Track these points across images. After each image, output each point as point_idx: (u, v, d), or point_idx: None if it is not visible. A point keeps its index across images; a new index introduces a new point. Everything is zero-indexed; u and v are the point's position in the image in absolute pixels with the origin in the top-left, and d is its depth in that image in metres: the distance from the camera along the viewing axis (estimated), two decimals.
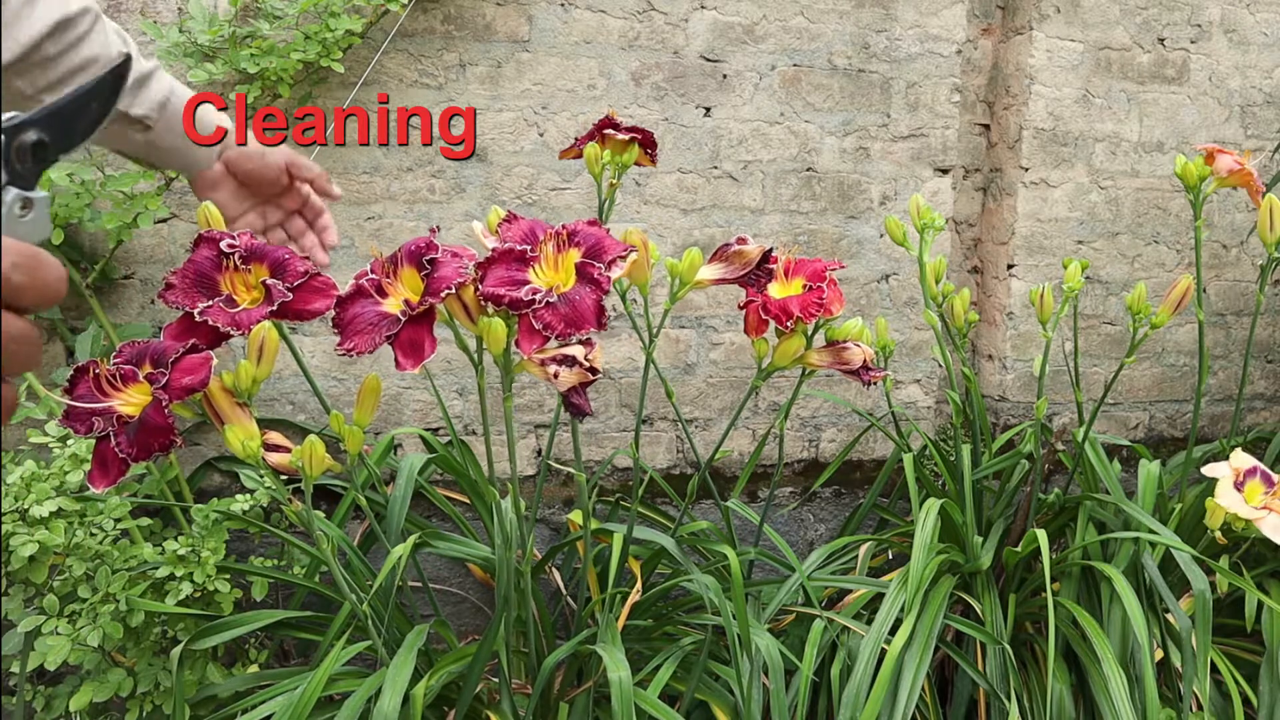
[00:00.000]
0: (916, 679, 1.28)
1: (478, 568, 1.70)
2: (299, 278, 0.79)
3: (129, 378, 0.75)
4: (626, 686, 1.08)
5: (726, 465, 1.88)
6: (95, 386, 0.74)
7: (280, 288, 0.78)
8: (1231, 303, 2.13)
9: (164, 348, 0.76)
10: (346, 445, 0.91)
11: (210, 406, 0.79)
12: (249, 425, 0.81)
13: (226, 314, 0.77)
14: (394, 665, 1.06)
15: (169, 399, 0.72)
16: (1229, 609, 1.58)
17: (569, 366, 0.84)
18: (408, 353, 0.78)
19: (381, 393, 0.95)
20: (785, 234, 1.84)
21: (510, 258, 0.84)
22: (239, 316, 0.77)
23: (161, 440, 0.72)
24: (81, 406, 0.73)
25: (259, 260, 0.80)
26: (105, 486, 0.73)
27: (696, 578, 1.29)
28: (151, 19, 1.51)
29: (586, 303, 0.81)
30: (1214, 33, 2.02)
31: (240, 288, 0.80)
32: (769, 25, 1.78)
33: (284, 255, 0.80)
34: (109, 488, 0.72)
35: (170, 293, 0.79)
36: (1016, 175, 1.96)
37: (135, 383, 0.75)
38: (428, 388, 1.70)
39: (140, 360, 0.76)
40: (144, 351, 0.76)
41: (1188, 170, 1.43)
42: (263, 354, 0.78)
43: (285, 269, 0.79)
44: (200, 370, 0.74)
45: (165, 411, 0.72)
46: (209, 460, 1.61)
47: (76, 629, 1.25)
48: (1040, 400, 1.48)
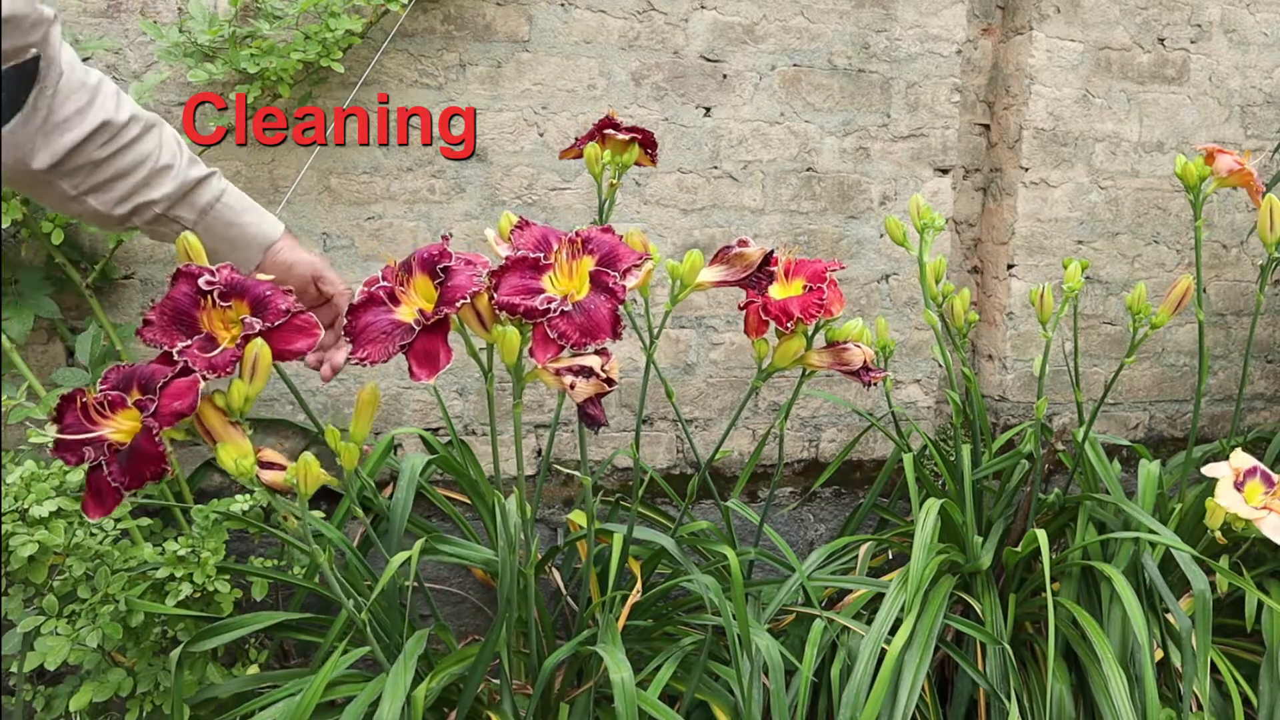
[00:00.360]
0: (916, 679, 1.28)
1: (478, 569, 1.70)
2: (280, 316, 0.76)
3: (117, 404, 0.73)
4: (629, 687, 1.08)
5: (726, 465, 1.88)
6: (84, 415, 0.72)
7: (258, 326, 0.75)
8: (1231, 303, 2.13)
9: (150, 372, 0.74)
10: (342, 461, 0.90)
11: (202, 426, 0.78)
12: (242, 443, 0.79)
13: (202, 357, 0.74)
14: (393, 674, 1.06)
15: (159, 426, 0.70)
16: (1229, 609, 1.58)
17: (585, 377, 0.83)
18: (423, 363, 0.77)
19: (380, 397, 0.95)
20: (785, 234, 1.84)
21: (524, 266, 0.83)
22: (214, 360, 0.74)
23: (154, 468, 0.71)
24: (71, 438, 0.71)
25: (239, 297, 0.77)
26: (100, 516, 0.71)
27: (696, 578, 1.29)
28: (151, 19, 1.51)
29: (602, 312, 0.81)
30: (1214, 33, 2.02)
31: (219, 325, 0.77)
32: (769, 25, 1.78)
33: (265, 291, 0.77)
34: (103, 517, 0.71)
35: (148, 330, 0.77)
36: (1016, 175, 1.96)
37: (124, 409, 0.73)
38: (428, 388, 1.69)
39: (128, 385, 0.74)
40: (130, 376, 0.74)
41: (1188, 170, 1.43)
42: (255, 372, 0.76)
43: (266, 306, 0.76)
44: (188, 395, 0.72)
45: (156, 439, 0.70)
46: (209, 460, 1.61)
47: (76, 629, 1.25)
48: (1040, 400, 1.48)
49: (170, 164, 0.85)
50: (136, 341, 1.52)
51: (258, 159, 1.56)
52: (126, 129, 0.82)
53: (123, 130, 0.81)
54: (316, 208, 1.62)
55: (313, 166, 1.59)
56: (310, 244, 1.62)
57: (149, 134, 0.84)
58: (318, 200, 1.62)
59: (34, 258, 1.49)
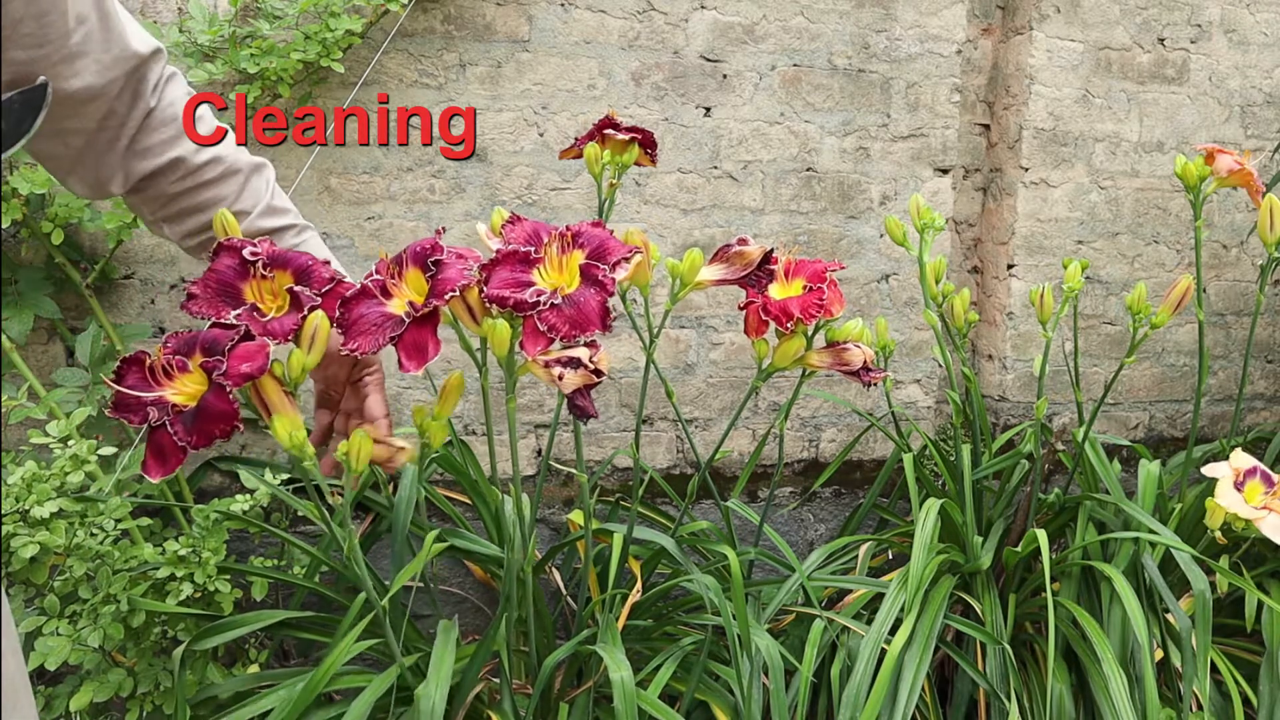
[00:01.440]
0: (916, 679, 1.28)
1: (478, 568, 1.71)
2: (325, 284, 0.78)
3: (180, 368, 0.74)
4: (629, 687, 1.08)
5: (726, 465, 1.88)
6: (150, 376, 0.73)
7: (308, 294, 0.77)
8: (1231, 303, 2.13)
9: (215, 336, 0.75)
10: (429, 439, 0.91)
11: (259, 396, 0.78)
12: (295, 416, 0.80)
13: (260, 324, 0.76)
14: (435, 657, 1.08)
15: (231, 384, 0.72)
16: (1229, 609, 1.58)
17: (574, 369, 0.84)
18: (411, 354, 0.78)
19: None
20: (785, 234, 1.84)
21: (514, 259, 0.84)
22: (270, 325, 0.76)
23: (224, 426, 0.72)
24: (136, 396, 0.72)
25: (282, 267, 0.79)
26: (162, 475, 0.72)
27: (696, 578, 1.29)
28: (151, 19, 1.51)
29: (591, 304, 0.81)
30: (1214, 33, 2.02)
31: (266, 295, 0.78)
32: (769, 25, 1.78)
33: (307, 262, 0.79)
34: (165, 476, 0.72)
35: (194, 303, 0.78)
36: (1016, 175, 1.96)
37: (185, 372, 0.74)
38: (428, 387, 1.70)
39: (189, 350, 0.75)
40: (193, 341, 0.75)
41: (1188, 170, 1.43)
42: (314, 342, 0.77)
43: (310, 276, 0.78)
44: (257, 357, 0.74)
45: (229, 397, 0.72)
46: (209, 460, 1.61)
47: (77, 629, 1.25)
48: (1040, 400, 1.48)
49: (245, 210, 0.86)
50: (136, 341, 1.52)
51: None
52: (204, 169, 0.83)
53: (200, 170, 0.83)
54: (316, 208, 1.62)
55: (313, 166, 1.59)
56: None
57: (230, 178, 0.85)
58: (318, 200, 1.62)
59: (34, 258, 1.49)
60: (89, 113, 0.74)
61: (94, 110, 0.74)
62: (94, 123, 0.75)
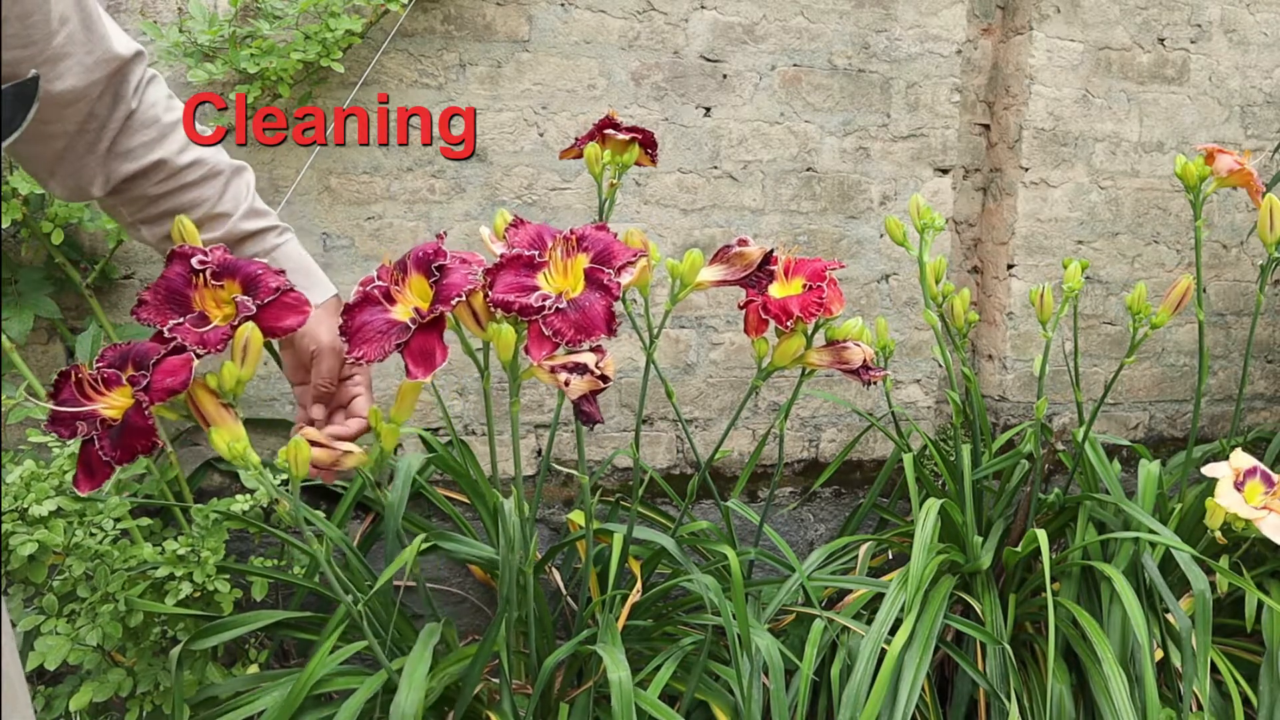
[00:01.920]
0: (916, 679, 1.28)
1: (478, 568, 1.70)
2: (271, 294, 0.77)
3: (112, 381, 0.74)
4: (627, 687, 1.08)
5: (726, 465, 1.88)
6: (78, 390, 0.73)
7: (249, 304, 0.76)
8: (1231, 303, 2.13)
9: (146, 349, 0.75)
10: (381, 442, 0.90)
11: (196, 409, 0.78)
12: (235, 427, 0.80)
13: (194, 333, 0.75)
14: (410, 662, 1.06)
15: (150, 401, 0.71)
16: (1229, 609, 1.58)
17: (579, 374, 0.84)
18: (419, 361, 0.77)
19: (378, 398, 0.95)
20: (785, 234, 1.84)
21: (519, 264, 0.83)
22: (206, 336, 0.75)
23: (143, 442, 0.71)
24: (65, 411, 0.72)
25: (231, 276, 0.77)
26: (90, 489, 0.72)
27: (696, 578, 1.29)
28: (151, 19, 1.51)
29: (597, 309, 0.81)
30: (1214, 33, 2.02)
31: (211, 304, 0.77)
32: (769, 25, 1.78)
33: (256, 270, 0.78)
34: (94, 490, 0.72)
35: (143, 309, 0.77)
36: (1016, 175, 1.96)
37: (119, 386, 0.74)
38: (427, 387, 1.69)
39: (124, 363, 0.75)
40: (127, 354, 0.75)
41: (1188, 170, 1.43)
42: (246, 355, 0.77)
43: (258, 285, 0.77)
44: (181, 372, 0.73)
45: (146, 413, 0.71)
46: (209, 460, 1.61)
47: (76, 629, 1.25)
48: (1040, 400, 1.48)
49: (227, 213, 0.85)
50: (135, 340, 1.52)
51: (258, 159, 1.56)
52: (185, 171, 0.83)
53: (181, 172, 0.82)
54: (316, 208, 1.62)
55: (313, 166, 1.59)
56: (310, 244, 1.62)
57: (212, 180, 0.84)
58: (318, 200, 1.62)
59: (34, 258, 1.49)
60: (70, 115, 0.74)
61: (75, 112, 0.74)
62: (75, 125, 0.75)
